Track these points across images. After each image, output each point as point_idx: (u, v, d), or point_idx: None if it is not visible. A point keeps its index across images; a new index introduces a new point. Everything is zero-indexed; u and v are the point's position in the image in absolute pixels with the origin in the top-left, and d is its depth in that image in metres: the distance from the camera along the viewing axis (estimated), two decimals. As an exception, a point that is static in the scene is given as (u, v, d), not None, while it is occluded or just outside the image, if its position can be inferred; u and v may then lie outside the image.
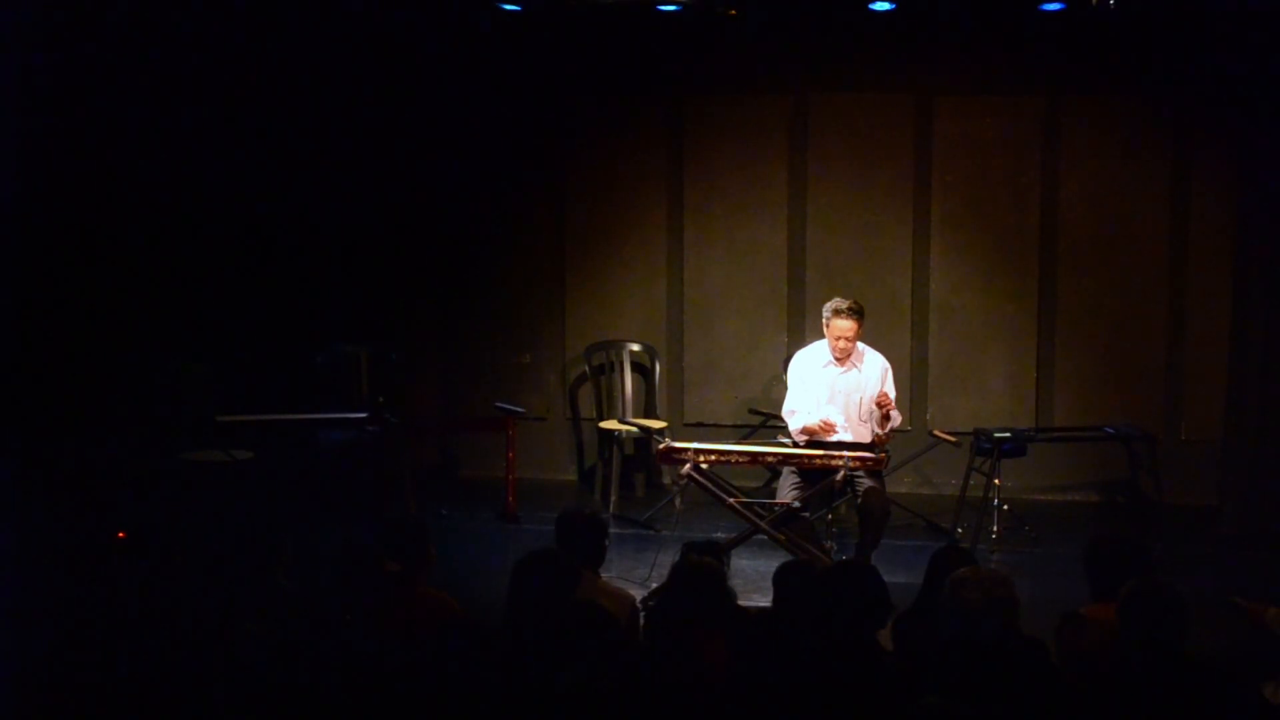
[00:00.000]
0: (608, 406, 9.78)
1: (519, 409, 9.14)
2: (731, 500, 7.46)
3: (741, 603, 5.70)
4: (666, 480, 9.57)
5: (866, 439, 7.47)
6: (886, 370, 7.63)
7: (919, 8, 8.97)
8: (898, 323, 9.54)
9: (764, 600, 6.05)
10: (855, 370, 7.56)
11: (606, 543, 5.69)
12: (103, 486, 7.93)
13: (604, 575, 5.91)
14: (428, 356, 10.07)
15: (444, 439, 10.03)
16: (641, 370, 9.85)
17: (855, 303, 7.48)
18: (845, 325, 7.41)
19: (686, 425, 9.74)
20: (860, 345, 7.58)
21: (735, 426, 9.57)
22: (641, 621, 5.49)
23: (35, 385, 8.12)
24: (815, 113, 9.63)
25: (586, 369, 9.90)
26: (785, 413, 7.68)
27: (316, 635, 4.54)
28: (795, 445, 7.56)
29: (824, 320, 7.53)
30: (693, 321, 9.86)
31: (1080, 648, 4.73)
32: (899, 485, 9.27)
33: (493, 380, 9.93)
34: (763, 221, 9.71)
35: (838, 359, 7.51)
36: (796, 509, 7.36)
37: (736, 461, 7.70)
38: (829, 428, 7.42)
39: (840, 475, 7.19)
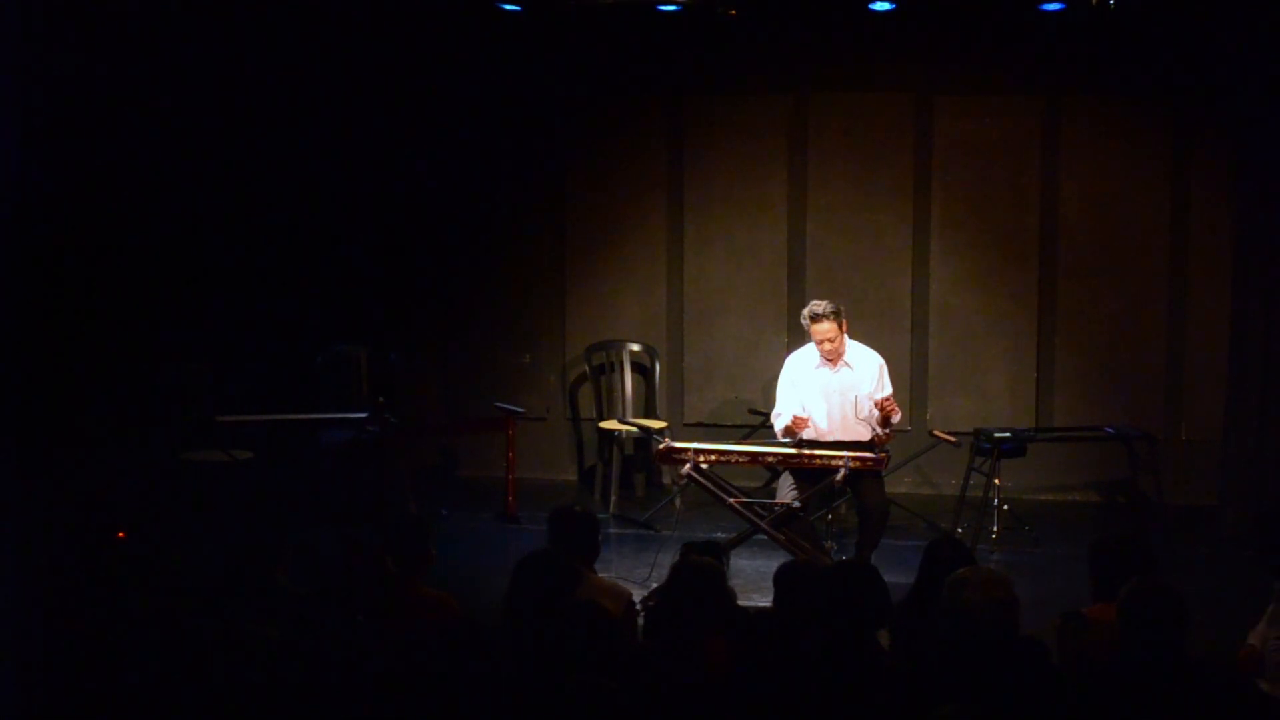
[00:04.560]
0: (608, 406, 9.78)
1: (519, 409, 9.14)
2: (731, 500, 7.46)
3: (741, 603, 5.70)
4: (666, 480, 9.57)
5: (864, 438, 7.46)
6: (881, 368, 7.60)
7: (919, 8, 8.97)
8: (898, 323, 9.55)
9: (764, 600, 6.05)
10: (847, 369, 7.54)
11: (600, 539, 5.69)
12: (103, 486, 7.93)
13: (603, 575, 5.91)
14: (428, 356, 10.07)
15: (444, 439, 10.03)
16: (641, 370, 9.85)
17: (830, 304, 7.40)
18: (824, 328, 7.38)
19: (686, 425, 9.75)
20: (851, 343, 7.57)
21: (735, 426, 9.57)
22: (641, 621, 5.49)
23: (36, 386, 8.11)
24: (815, 113, 9.63)
25: (586, 369, 9.90)
26: (772, 416, 7.68)
27: (316, 635, 4.54)
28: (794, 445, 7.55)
29: (804, 326, 7.50)
30: (693, 321, 9.86)
31: (1080, 648, 4.73)
32: (899, 485, 9.28)
33: (493, 380, 9.93)
34: (763, 221, 9.71)
35: (827, 360, 7.50)
36: (796, 509, 7.36)
37: (736, 461, 7.70)
38: (800, 423, 7.40)
39: (840, 475, 7.19)
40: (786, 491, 7.40)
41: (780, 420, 7.55)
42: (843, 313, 7.46)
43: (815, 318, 7.39)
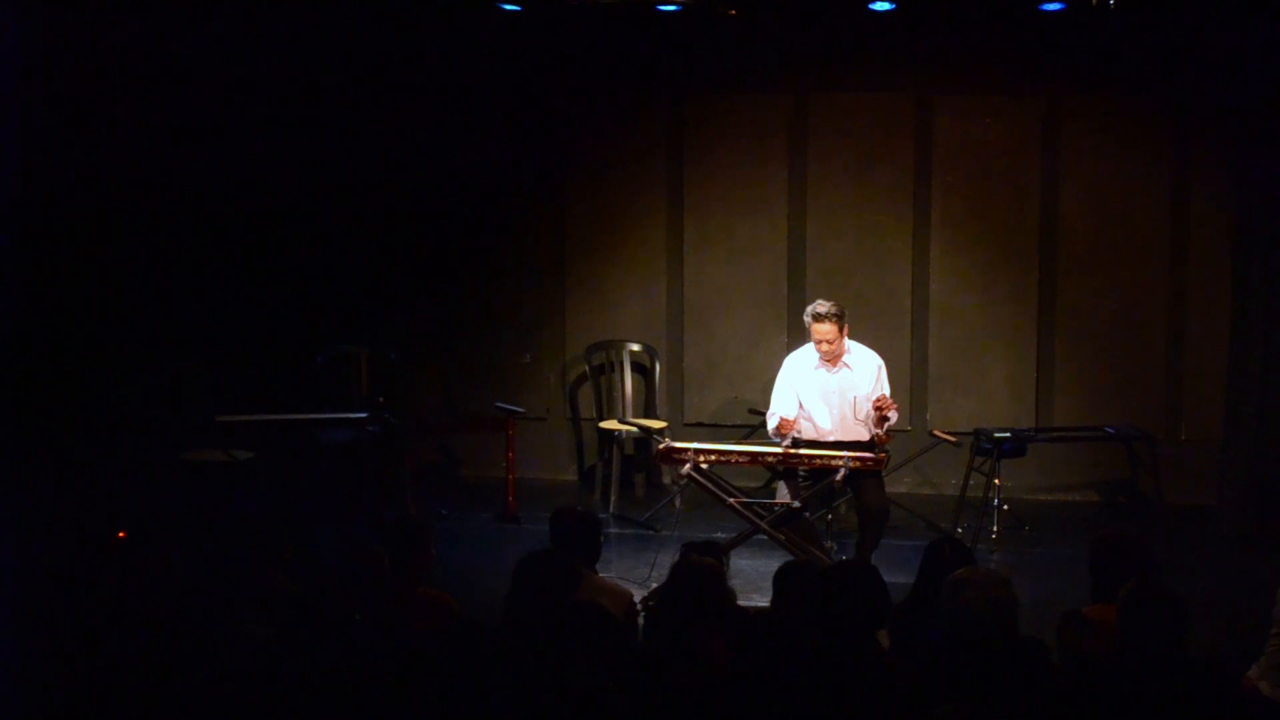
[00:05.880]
0: (608, 406, 9.78)
1: (519, 409, 9.14)
2: (731, 500, 7.46)
3: (741, 603, 5.70)
4: (666, 480, 9.57)
5: (864, 438, 7.46)
6: (880, 368, 7.60)
7: (919, 8, 8.97)
8: (898, 323, 9.55)
9: (764, 600, 6.05)
10: (845, 370, 7.54)
11: (601, 539, 5.70)
12: (103, 486, 7.93)
13: (603, 575, 5.91)
14: (428, 356, 10.07)
15: (444, 439, 10.03)
16: (641, 370, 9.85)
17: (834, 305, 7.41)
18: (824, 329, 7.39)
19: (686, 425, 9.75)
20: (850, 343, 7.56)
21: (735, 426, 9.57)
22: (641, 621, 5.49)
23: (36, 385, 8.12)
24: (815, 113, 9.63)
25: (586, 369, 9.90)
26: (767, 415, 7.67)
27: (316, 635, 4.54)
28: (794, 445, 7.55)
29: (805, 324, 7.51)
30: (693, 321, 9.86)
31: (1080, 648, 4.74)
32: (899, 485, 9.28)
33: (493, 380, 9.93)
34: (763, 221, 9.71)
35: (826, 360, 7.50)
36: (796, 509, 7.36)
37: (736, 461, 7.70)
38: (787, 425, 7.38)
39: (840, 475, 7.19)
40: (797, 491, 7.42)
41: (772, 420, 7.55)
42: (845, 316, 7.45)
43: (817, 317, 7.40)
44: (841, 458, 7.20)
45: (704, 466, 7.44)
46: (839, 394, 7.53)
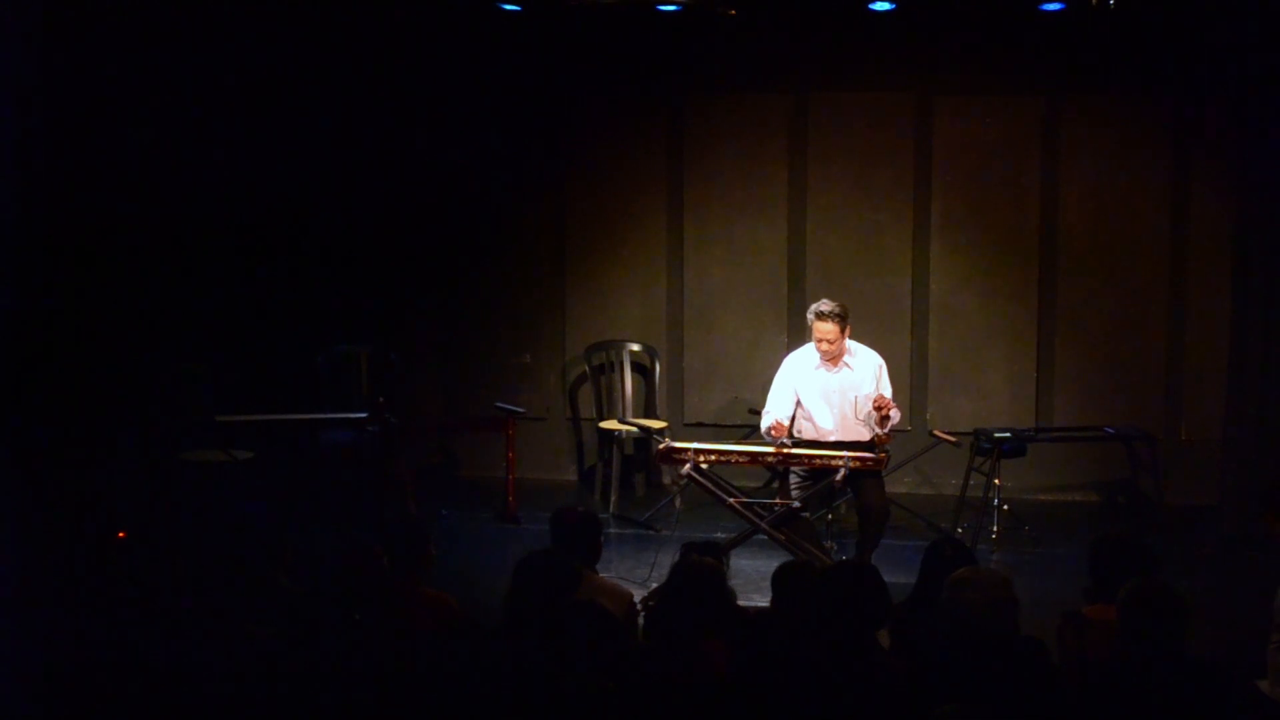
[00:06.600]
0: (608, 406, 9.78)
1: (519, 409, 9.14)
2: (731, 500, 7.46)
3: (741, 603, 5.70)
4: (666, 480, 9.57)
5: (864, 438, 7.46)
6: (880, 368, 7.60)
7: (919, 8, 8.98)
8: (898, 323, 9.55)
9: (764, 600, 6.05)
10: (846, 370, 7.53)
11: (602, 539, 5.70)
12: (103, 486, 7.93)
13: (603, 575, 5.91)
14: (428, 356, 10.07)
15: (444, 439, 10.03)
16: (641, 370, 9.85)
17: (837, 306, 7.41)
18: (825, 328, 7.39)
19: (686, 425, 9.75)
20: (851, 343, 7.56)
21: (735, 426, 9.57)
22: (641, 621, 5.49)
23: (36, 385, 8.11)
24: (815, 113, 9.63)
25: (586, 369, 9.90)
26: (763, 414, 7.66)
27: (316, 635, 4.54)
28: (794, 445, 7.55)
29: (808, 323, 7.51)
30: (693, 321, 9.86)
31: (1080, 648, 4.74)
32: (899, 485, 9.28)
33: (493, 380, 9.93)
34: (763, 221, 9.71)
35: (826, 360, 7.50)
36: (796, 509, 7.36)
37: (736, 461, 7.70)
38: (780, 429, 7.38)
39: (840, 475, 7.19)
40: (787, 491, 7.41)
41: (766, 419, 7.53)
42: (848, 316, 7.45)
43: (820, 316, 7.40)
44: (841, 458, 7.20)
45: (704, 466, 7.44)
46: (840, 393, 7.52)
